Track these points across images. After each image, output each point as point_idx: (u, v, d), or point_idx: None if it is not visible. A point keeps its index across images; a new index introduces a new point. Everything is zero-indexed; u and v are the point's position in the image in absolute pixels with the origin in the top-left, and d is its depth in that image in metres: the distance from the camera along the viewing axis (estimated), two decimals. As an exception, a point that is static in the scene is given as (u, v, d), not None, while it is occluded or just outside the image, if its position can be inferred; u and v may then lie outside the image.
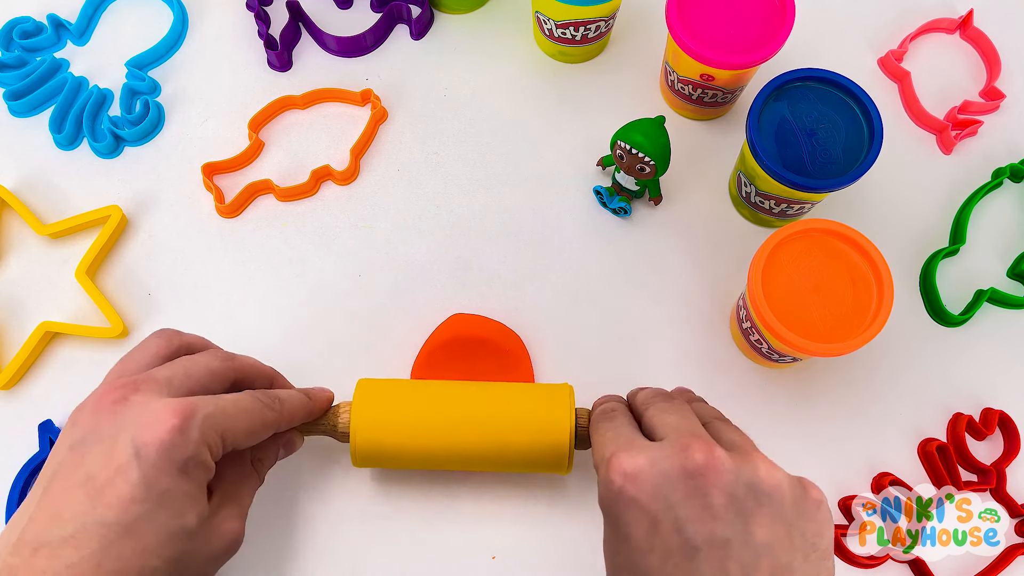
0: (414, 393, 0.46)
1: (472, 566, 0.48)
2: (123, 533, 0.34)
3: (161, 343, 0.41)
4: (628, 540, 0.34)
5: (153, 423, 0.35)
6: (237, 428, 0.38)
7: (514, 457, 0.44)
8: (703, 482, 0.34)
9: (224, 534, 0.38)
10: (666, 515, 0.33)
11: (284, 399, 0.42)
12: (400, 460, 0.45)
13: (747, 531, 0.33)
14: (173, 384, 0.38)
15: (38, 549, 0.33)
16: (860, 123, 0.48)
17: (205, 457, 0.37)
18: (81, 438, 0.36)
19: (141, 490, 0.34)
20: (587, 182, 0.56)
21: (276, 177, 0.56)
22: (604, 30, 0.56)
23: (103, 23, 0.61)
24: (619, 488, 0.35)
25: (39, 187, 0.57)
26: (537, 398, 0.45)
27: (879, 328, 0.43)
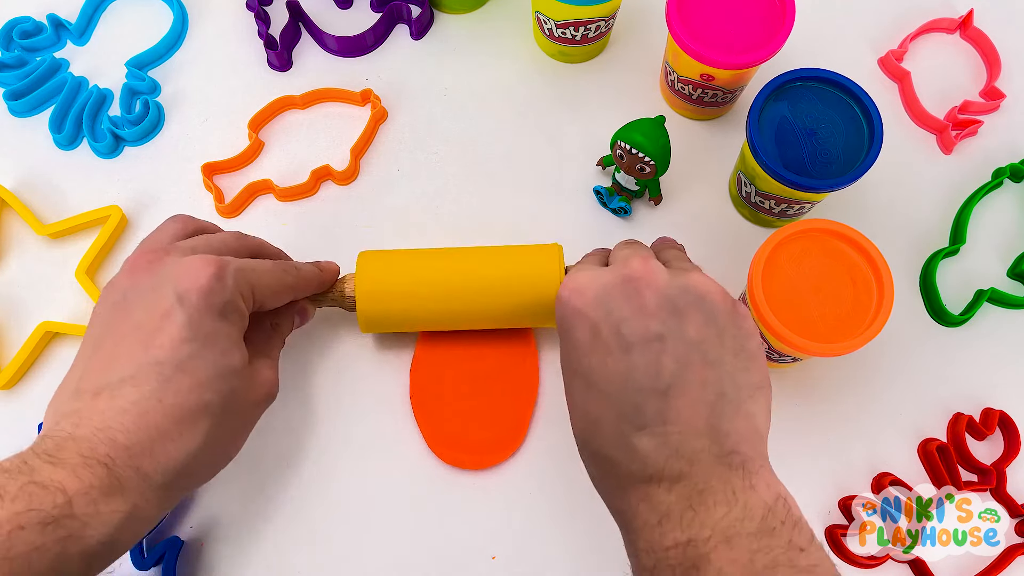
0: (413, 258, 0.48)
1: (472, 566, 0.48)
2: (177, 370, 0.36)
3: (177, 225, 0.43)
4: (575, 345, 0.38)
5: (192, 272, 0.38)
6: (264, 284, 0.42)
7: (510, 312, 0.48)
8: (638, 285, 0.37)
9: (263, 381, 0.42)
10: (606, 319, 0.37)
11: (299, 267, 0.45)
12: (403, 322, 0.49)
13: (680, 328, 0.36)
14: (198, 250, 0.41)
15: (99, 392, 0.36)
16: (860, 123, 0.48)
17: (240, 304, 0.40)
18: (123, 295, 0.39)
19: (188, 331, 0.37)
20: (587, 182, 0.56)
21: (276, 177, 0.56)
22: (604, 30, 0.56)
23: (103, 23, 0.61)
24: (566, 299, 0.39)
25: (39, 187, 0.57)
26: (529, 256, 0.48)
27: (879, 328, 0.43)
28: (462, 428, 0.50)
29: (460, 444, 0.49)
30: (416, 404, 0.50)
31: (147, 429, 0.35)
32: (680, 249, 0.46)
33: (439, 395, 0.50)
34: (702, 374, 0.36)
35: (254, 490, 0.49)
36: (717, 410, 0.35)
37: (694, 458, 0.34)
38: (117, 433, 0.35)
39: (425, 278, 0.47)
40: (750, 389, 0.36)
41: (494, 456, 0.49)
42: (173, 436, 0.36)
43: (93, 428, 0.35)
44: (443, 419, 0.50)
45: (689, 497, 0.33)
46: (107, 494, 0.34)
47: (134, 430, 0.35)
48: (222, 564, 0.48)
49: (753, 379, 0.37)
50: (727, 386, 0.36)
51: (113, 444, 0.35)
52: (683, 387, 0.35)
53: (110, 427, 0.35)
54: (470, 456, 0.49)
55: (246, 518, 0.48)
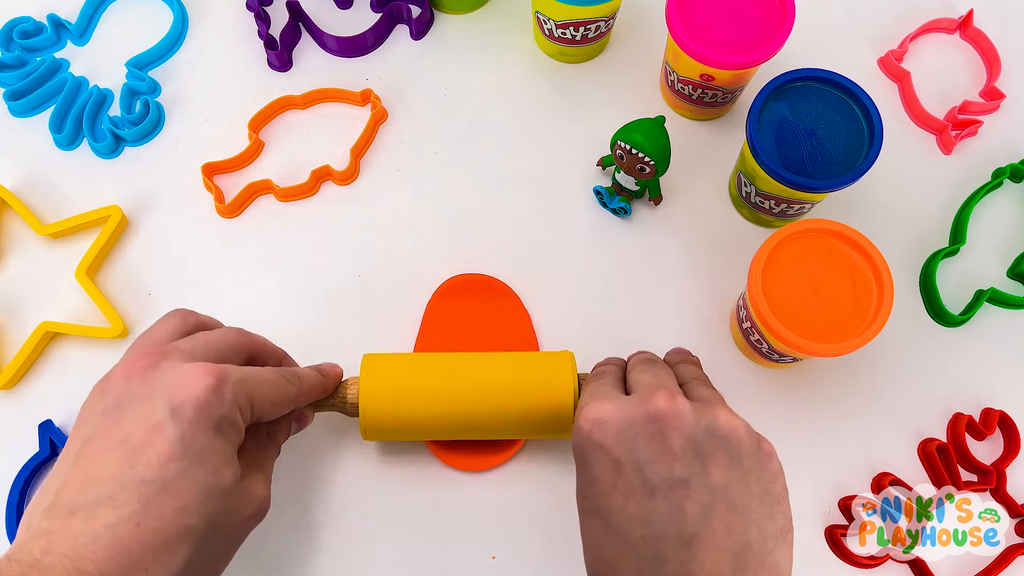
0: (419, 365, 0.47)
1: (472, 566, 0.48)
2: (162, 491, 0.34)
3: (177, 320, 0.41)
4: (594, 483, 0.36)
5: (188, 382, 0.36)
6: (265, 396, 0.39)
7: (519, 423, 0.45)
8: (664, 425, 0.35)
9: (254, 498, 0.39)
10: (628, 458, 0.35)
11: (302, 376, 0.43)
12: (408, 432, 0.46)
13: (705, 472, 0.35)
14: (196, 354, 0.39)
15: (74, 512, 0.33)
16: (860, 123, 0.48)
17: (237, 419, 0.37)
18: (115, 403, 0.36)
19: (179, 447, 0.35)
20: (587, 182, 0.56)
21: (276, 177, 0.56)
22: (604, 30, 0.56)
23: (103, 23, 0.61)
24: (587, 433, 0.37)
25: (39, 187, 0.57)
26: (540, 365, 0.46)
27: (879, 328, 0.43)
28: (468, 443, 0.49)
29: (460, 445, 0.49)
30: None
31: (120, 558, 0.33)
32: (697, 364, 0.45)
33: None
34: (727, 522, 0.34)
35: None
36: (742, 562, 0.34)
37: None
38: (87, 563, 0.32)
39: (432, 390, 0.45)
40: (775, 538, 0.35)
41: (495, 457, 0.49)
42: (148, 565, 0.33)
43: (61, 555, 0.32)
44: None
45: None
46: None
47: (104, 559, 0.32)
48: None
49: (778, 525, 0.36)
50: (753, 535, 0.34)
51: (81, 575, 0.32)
52: (708, 537, 0.34)
53: (80, 555, 0.32)
54: (471, 458, 0.49)
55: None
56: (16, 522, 0.48)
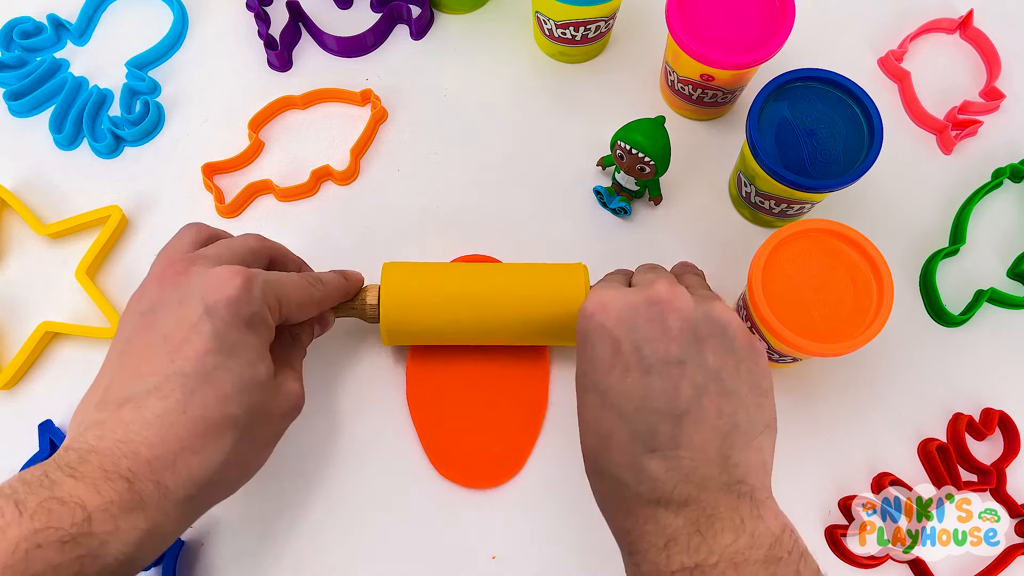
0: (438, 272, 0.48)
1: (472, 566, 0.48)
2: (203, 381, 0.36)
3: (193, 232, 0.43)
4: (594, 361, 0.38)
5: (220, 283, 0.38)
6: (291, 297, 0.41)
7: (533, 328, 0.47)
8: (663, 308, 0.37)
9: (288, 393, 0.41)
10: (628, 337, 0.37)
11: (325, 280, 0.45)
12: (427, 334, 0.48)
13: (700, 354, 0.37)
14: (222, 259, 0.41)
15: (124, 403, 0.36)
16: (860, 123, 0.48)
17: (266, 315, 0.39)
18: (150, 306, 0.39)
19: (215, 342, 0.37)
20: (587, 182, 0.56)
21: (276, 177, 0.56)
22: (604, 30, 0.56)
23: (103, 23, 0.61)
24: (590, 314, 0.39)
25: (39, 187, 0.57)
26: (554, 274, 0.48)
27: (879, 328, 0.43)
28: (466, 446, 0.49)
29: (464, 463, 0.49)
30: (417, 418, 0.50)
31: (170, 442, 0.35)
32: (700, 276, 0.46)
33: (441, 407, 0.50)
34: (718, 403, 0.36)
35: (256, 491, 0.49)
36: (729, 440, 0.35)
37: (703, 484, 0.34)
38: (140, 446, 0.35)
39: (450, 292, 0.47)
40: (761, 424, 0.37)
41: (499, 476, 0.49)
42: (196, 449, 0.36)
43: (116, 440, 0.35)
44: (446, 434, 0.50)
45: (696, 522, 0.34)
46: (127, 510, 0.33)
47: (157, 443, 0.35)
48: (222, 564, 0.48)
49: (765, 416, 0.37)
50: (741, 418, 0.36)
51: (135, 458, 0.34)
52: (699, 414, 0.35)
53: (133, 440, 0.35)
54: (475, 476, 0.49)
55: (247, 519, 0.48)
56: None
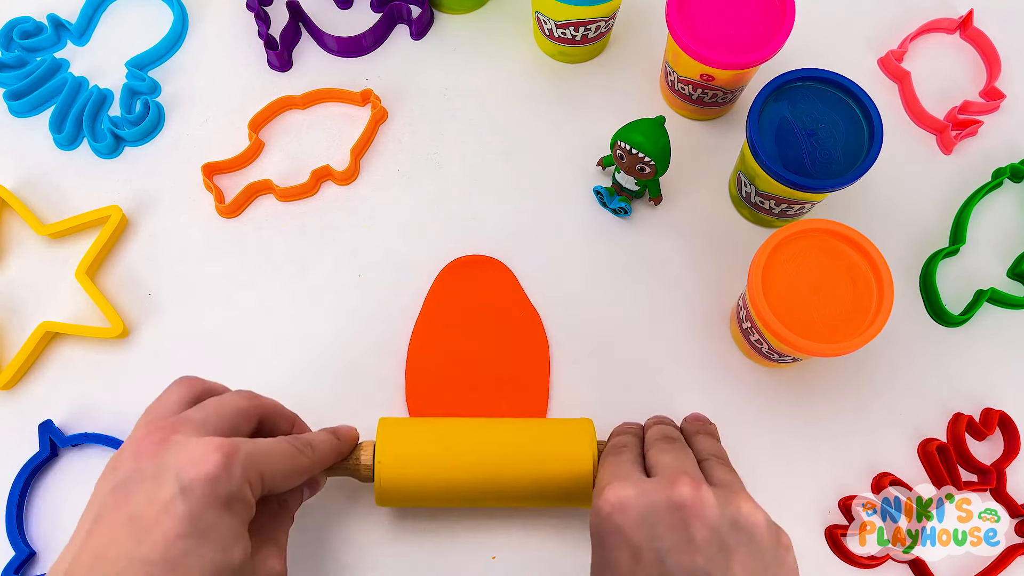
0: (436, 431, 0.46)
1: (472, 566, 0.48)
2: (169, 570, 0.33)
3: (183, 390, 0.41)
4: (612, 567, 0.36)
5: (198, 459, 0.35)
6: (276, 470, 0.38)
7: (538, 493, 0.45)
8: (687, 515, 0.35)
9: (267, 573, 0.38)
10: (649, 545, 0.35)
11: (315, 445, 0.42)
12: (424, 499, 0.45)
13: (727, 566, 0.34)
14: (208, 424, 0.38)
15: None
16: (860, 123, 0.48)
17: (247, 494, 0.36)
18: (124, 479, 0.36)
19: (187, 525, 0.34)
20: (587, 182, 0.56)
21: (276, 177, 0.56)
22: (604, 30, 0.56)
23: (103, 23, 0.61)
24: (607, 515, 0.36)
25: (39, 187, 0.57)
26: (559, 433, 0.45)
27: (879, 328, 0.43)
28: None
29: None
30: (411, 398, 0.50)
31: None
32: (715, 436, 0.44)
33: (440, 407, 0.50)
34: None
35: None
36: None
37: None
38: None
39: (449, 455, 0.44)
40: None
41: None
42: None
43: None
44: None
45: None
46: None
47: None
48: None
49: None
50: None
51: None
52: None
53: None
54: None
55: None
56: (17, 522, 0.48)
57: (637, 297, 0.53)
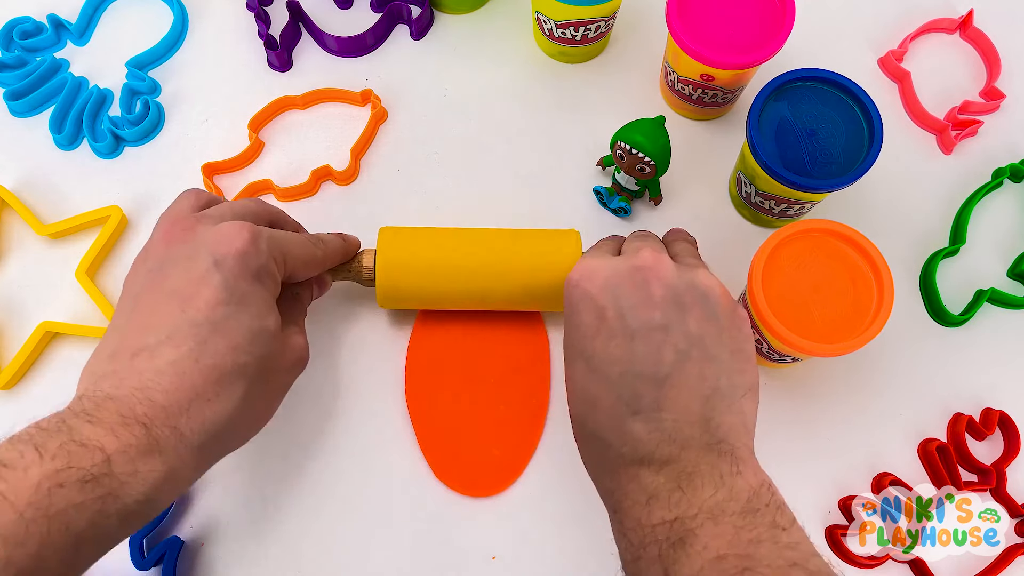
0: (433, 237, 0.49)
1: (472, 566, 0.48)
2: (214, 331, 0.37)
3: (192, 197, 0.44)
4: (580, 328, 0.39)
5: (228, 237, 0.39)
6: (295, 255, 0.42)
7: (526, 294, 0.48)
8: (647, 275, 0.39)
9: (294, 346, 0.42)
10: (612, 304, 0.38)
11: (326, 240, 0.46)
12: (422, 298, 0.49)
13: (683, 321, 0.38)
14: (225, 218, 0.41)
15: (137, 353, 0.36)
16: (860, 123, 0.48)
17: (273, 269, 0.40)
18: (158, 263, 0.40)
19: (224, 293, 0.37)
20: (587, 182, 0.56)
21: (276, 177, 0.56)
22: (604, 30, 0.56)
23: (103, 23, 0.61)
24: (575, 283, 0.40)
25: (39, 187, 0.56)
26: (548, 240, 0.49)
27: (879, 328, 0.43)
28: (466, 451, 0.49)
29: (464, 469, 0.49)
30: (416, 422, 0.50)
31: (184, 390, 0.36)
32: (692, 243, 0.46)
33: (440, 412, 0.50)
34: (700, 367, 0.37)
35: (255, 490, 0.49)
36: (711, 403, 0.36)
37: (685, 444, 0.35)
38: (155, 393, 0.35)
39: (445, 255, 0.48)
40: (743, 388, 0.38)
41: (499, 483, 0.49)
42: (210, 397, 0.36)
43: (131, 388, 0.35)
44: (446, 439, 0.50)
45: (678, 479, 0.35)
46: (145, 453, 0.34)
47: (172, 390, 0.35)
48: (222, 564, 0.48)
49: (747, 380, 0.38)
50: (722, 382, 0.37)
51: (151, 404, 0.35)
52: (681, 378, 0.36)
53: (148, 387, 0.35)
54: (475, 484, 0.49)
55: (247, 518, 0.48)
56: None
57: (637, 297, 0.53)
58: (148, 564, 0.46)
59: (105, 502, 0.32)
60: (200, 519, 0.48)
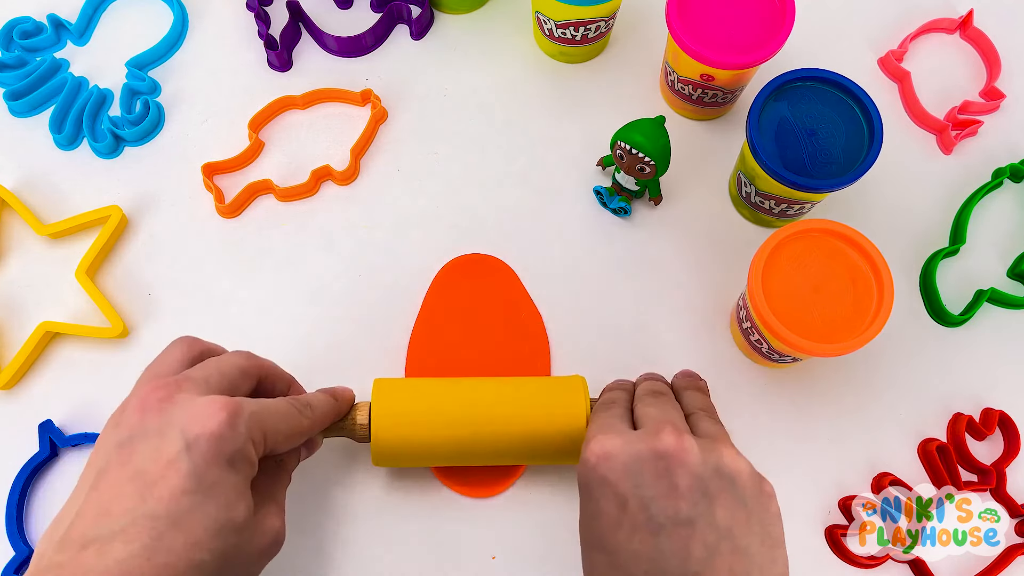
0: (431, 390, 0.46)
1: (472, 566, 0.48)
2: (173, 525, 0.34)
3: (183, 349, 0.41)
4: (599, 517, 0.37)
5: (203, 416, 0.36)
6: (278, 429, 0.39)
7: (532, 449, 0.45)
8: (671, 463, 0.36)
9: (268, 530, 0.38)
10: (634, 494, 0.36)
11: (315, 405, 0.42)
12: (420, 458, 0.46)
13: (710, 512, 0.35)
14: (210, 383, 0.38)
15: (86, 546, 0.33)
16: (860, 123, 0.48)
17: (250, 452, 0.37)
18: (128, 436, 0.36)
19: (192, 482, 0.34)
20: (587, 182, 0.56)
21: (276, 177, 0.56)
22: (604, 30, 0.56)
23: (103, 23, 0.61)
24: (593, 466, 0.37)
25: (39, 187, 0.57)
26: (552, 391, 0.46)
27: (879, 328, 0.43)
28: None
29: (465, 470, 0.49)
30: None
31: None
32: (704, 391, 0.45)
33: None
34: (731, 562, 0.35)
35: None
36: None
37: None
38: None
39: (444, 414, 0.45)
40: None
41: (499, 483, 0.49)
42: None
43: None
44: None
45: None
46: None
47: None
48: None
49: (778, 569, 0.36)
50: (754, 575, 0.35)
51: None
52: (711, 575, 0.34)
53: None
54: (476, 485, 0.49)
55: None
56: (17, 522, 0.48)
57: (637, 297, 0.53)
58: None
59: None
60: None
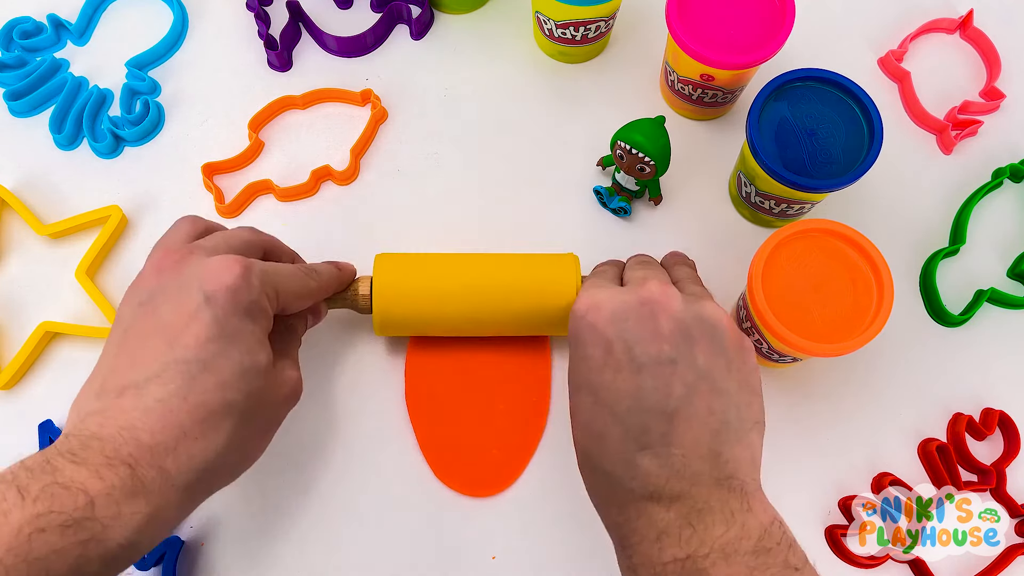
0: (429, 263, 0.48)
1: (472, 566, 0.48)
2: (203, 369, 0.36)
3: (188, 225, 0.43)
4: (586, 360, 0.39)
5: (219, 272, 0.38)
6: (288, 288, 0.42)
7: (524, 320, 0.48)
8: (654, 308, 0.38)
9: (287, 380, 0.41)
10: (619, 337, 0.38)
11: (320, 271, 0.45)
12: (419, 325, 0.48)
13: (691, 354, 0.37)
14: (219, 250, 0.41)
15: (124, 391, 0.36)
16: (860, 123, 0.48)
17: (265, 304, 0.40)
18: (149, 295, 0.39)
19: (215, 329, 0.37)
20: (587, 182, 0.56)
21: (276, 177, 0.56)
22: (604, 30, 0.56)
23: (103, 23, 0.61)
24: (582, 315, 0.40)
25: (39, 187, 0.56)
26: (546, 265, 0.48)
27: (879, 328, 0.43)
28: (466, 452, 0.49)
29: (464, 469, 0.49)
30: (416, 423, 0.50)
31: (171, 429, 0.35)
32: (691, 267, 0.46)
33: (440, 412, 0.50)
34: (708, 401, 0.37)
35: (256, 490, 0.49)
36: (720, 437, 0.36)
37: (695, 479, 0.35)
38: (141, 433, 0.35)
39: (442, 282, 0.47)
40: (751, 422, 0.38)
41: (499, 483, 0.49)
42: (197, 435, 0.36)
43: (117, 427, 0.35)
44: (446, 440, 0.50)
45: (688, 515, 0.34)
46: (129, 495, 0.33)
47: (158, 430, 0.35)
48: (222, 564, 0.48)
49: (754, 413, 0.38)
50: (731, 416, 0.37)
51: (137, 444, 0.34)
52: (689, 412, 0.36)
53: (134, 426, 0.35)
54: (475, 484, 0.49)
55: (247, 518, 0.48)
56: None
57: (637, 297, 0.53)
58: (148, 564, 0.46)
59: (87, 546, 0.32)
60: (200, 519, 0.49)
